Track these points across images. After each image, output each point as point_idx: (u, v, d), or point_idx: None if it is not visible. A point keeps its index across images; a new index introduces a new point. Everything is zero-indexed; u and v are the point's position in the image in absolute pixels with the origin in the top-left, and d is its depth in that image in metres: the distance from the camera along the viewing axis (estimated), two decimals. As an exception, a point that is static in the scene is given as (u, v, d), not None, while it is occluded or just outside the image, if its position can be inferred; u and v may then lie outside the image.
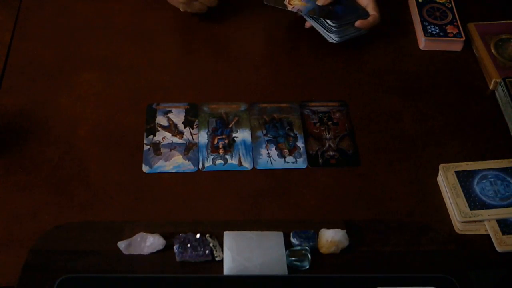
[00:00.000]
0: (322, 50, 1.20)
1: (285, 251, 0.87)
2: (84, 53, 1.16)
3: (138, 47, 1.18)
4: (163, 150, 1.03)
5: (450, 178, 0.99)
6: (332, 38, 1.17)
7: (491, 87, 1.15)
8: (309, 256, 0.87)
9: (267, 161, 1.03)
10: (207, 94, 1.11)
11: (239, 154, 1.03)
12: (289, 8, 1.18)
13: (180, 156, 1.03)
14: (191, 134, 1.06)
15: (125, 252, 0.87)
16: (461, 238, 0.95)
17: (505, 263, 0.93)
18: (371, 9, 1.18)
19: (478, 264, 0.93)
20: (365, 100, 1.13)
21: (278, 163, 1.03)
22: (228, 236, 0.88)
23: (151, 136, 1.05)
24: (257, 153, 1.04)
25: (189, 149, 1.04)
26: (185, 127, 1.06)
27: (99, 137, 1.04)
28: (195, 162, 1.02)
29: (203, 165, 1.02)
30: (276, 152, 1.04)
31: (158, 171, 1.01)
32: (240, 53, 1.17)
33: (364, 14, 1.17)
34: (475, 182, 0.99)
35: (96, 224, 0.90)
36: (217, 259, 0.87)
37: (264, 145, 1.05)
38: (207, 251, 0.86)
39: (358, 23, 1.16)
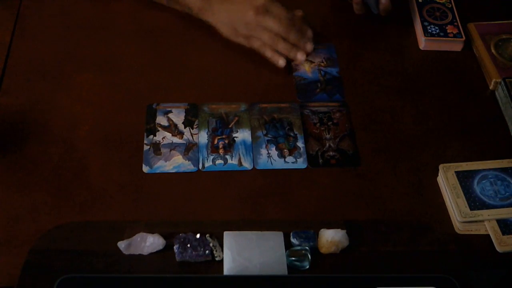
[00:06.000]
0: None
1: (285, 251, 0.87)
2: (84, 53, 1.16)
3: (138, 47, 1.18)
4: (163, 150, 1.03)
5: (450, 178, 0.99)
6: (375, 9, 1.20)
7: (491, 87, 1.15)
8: (309, 256, 0.87)
9: (267, 161, 1.03)
10: (207, 94, 1.11)
11: (239, 154, 1.03)
12: None
13: (180, 156, 1.02)
14: (191, 134, 1.06)
15: (125, 252, 0.87)
16: (461, 238, 0.95)
17: (505, 263, 0.93)
18: None
19: (478, 264, 0.93)
20: (365, 100, 1.13)
21: (278, 163, 1.03)
22: (228, 236, 0.88)
23: (151, 136, 1.05)
24: (257, 153, 1.04)
25: (189, 149, 1.04)
26: (185, 127, 1.06)
27: (99, 137, 1.04)
28: (195, 162, 1.02)
29: (203, 165, 1.02)
30: (276, 152, 1.04)
31: (158, 171, 1.01)
32: (240, 53, 1.17)
33: None
34: (475, 182, 0.99)
35: (96, 224, 0.90)
36: (217, 259, 0.87)
37: (264, 145, 1.05)
38: (207, 251, 0.86)
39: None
